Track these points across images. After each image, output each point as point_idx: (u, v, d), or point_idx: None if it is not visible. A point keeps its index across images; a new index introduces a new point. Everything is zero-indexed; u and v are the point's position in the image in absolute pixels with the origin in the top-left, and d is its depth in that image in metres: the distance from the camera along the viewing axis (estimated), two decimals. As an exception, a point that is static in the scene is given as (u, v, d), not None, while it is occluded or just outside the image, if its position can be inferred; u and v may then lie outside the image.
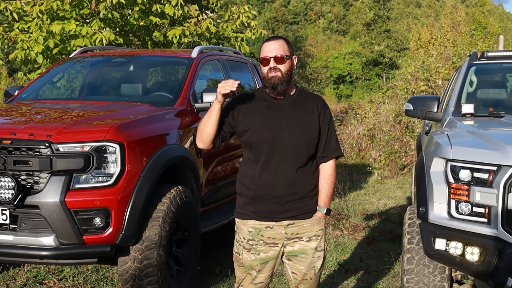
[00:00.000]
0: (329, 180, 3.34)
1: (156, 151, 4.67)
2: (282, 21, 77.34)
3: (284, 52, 3.23)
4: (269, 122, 3.23)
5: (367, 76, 41.33)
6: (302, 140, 3.23)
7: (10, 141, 4.27)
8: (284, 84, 3.22)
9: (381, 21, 37.67)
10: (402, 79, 14.64)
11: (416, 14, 70.76)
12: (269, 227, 3.27)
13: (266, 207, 3.25)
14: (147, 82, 6.68)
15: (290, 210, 3.25)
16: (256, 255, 3.30)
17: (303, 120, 3.26)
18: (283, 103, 3.28)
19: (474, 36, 21.18)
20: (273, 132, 3.21)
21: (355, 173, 12.24)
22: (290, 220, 3.27)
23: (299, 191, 3.26)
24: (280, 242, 3.30)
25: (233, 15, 10.76)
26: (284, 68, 3.22)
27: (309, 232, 3.32)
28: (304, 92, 3.40)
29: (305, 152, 3.26)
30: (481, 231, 3.50)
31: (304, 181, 3.28)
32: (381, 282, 5.41)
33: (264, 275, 3.37)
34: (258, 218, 3.28)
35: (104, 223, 4.26)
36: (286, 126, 3.22)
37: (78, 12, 9.39)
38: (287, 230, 3.28)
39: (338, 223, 7.45)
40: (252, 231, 3.30)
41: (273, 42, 3.25)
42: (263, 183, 3.23)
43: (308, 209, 3.30)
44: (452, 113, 4.92)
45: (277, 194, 3.23)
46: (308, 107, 3.30)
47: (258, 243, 3.29)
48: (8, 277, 5.33)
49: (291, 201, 3.25)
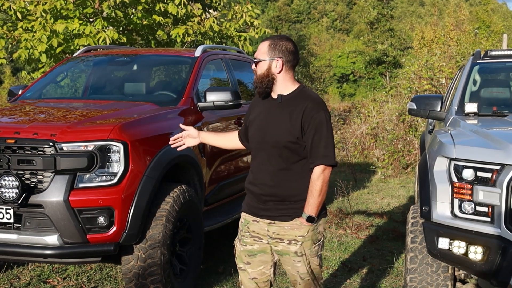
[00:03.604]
0: (312, 187, 3.16)
1: (159, 150, 4.67)
2: (285, 20, 77.35)
3: (261, 55, 3.26)
4: (259, 121, 3.31)
5: (371, 75, 41.27)
6: (281, 143, 3.19)
7: (14, 140, 4.27)
8: (259, 85, 3.27)
9: (384, 20, 37.61)
10: (406, 78, 14.62)
11: (419, 13, 70.65)
12: (255, 220, 3.35)
13: (252, 202, 3.36)
14: (151, 81, 6.68)
15: (270, 210, 3.27)
16: (244, 246, 3.39)
17: (286, 122, 3.20)
18: (273, 104, 3.30)
19: (478, 35, 21.17)
20: (261, 131, 3.28)
21: (359, 172, 12.23)
22: (270, 220, 3.29)
23: (279, 193, 3.23)
24: (264, 238, 3.33)
25: (236, 14, 10.76)
26: (259, 71, 3.26)
27: (289, 235, 3.27)
28: (301, 93, 3.28)
29: (285, 155, 3.20)
30: (484, 230, 3.50)
31: (285, 184, 3.22)
32: (384, 281, 5.41)
33: (255, 269, 3.38)
34: (247, 211, 3.40)
35: (108, 222, 4.26)
36: (270, 126, 3.24)
37: (82, 11, 9.40)
38: (269, 228, 3.30)
39: (341, 222, 7.45)
40: (243, 221, 3.43)
41: (260, 44, 3.33)
42: (251, 179, 3.36)
43: (289, 212, 3.24)
44: (455, 112, 4.91)
45: (257, 192, 3.30)
46: (295, 110, 3.20)
47: (245, 234, 3.39)
48: (12, 276, 5.34)
49: (270, 201, 3.26)
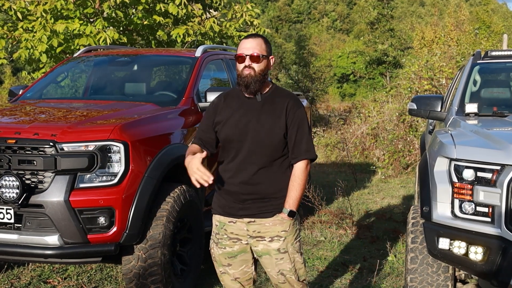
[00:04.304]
0: (296, 182, 3.21)
1: (160, 150, 4.68)
2: (285, 20, 77.38)
3: (261, 51, 3.20)
4: (236, 121, 3.22)
5: (371, 75, 41.23)
6: (266, 141, 3.18)
7: (14, 140, 4.28)
8: (257, 83, 3.20)
9: (384, 20, 37.57)
10: (406, 78, 14.62)
11: (420, 13, 70.59)
12: (232, 222, 3.29)
13: (227, 203, 3.29)
14: (151, 82, 6.68)
15: (250, 208, 3.23)
16: (223, 249, 3.33)
17: (269, 120, 3.20)
18: (253, 102, 3.25)
19: (478, 35, 21.17)
20: (239, 131, 3.20)
21: (359, 172, 12.24)
22: (250, 218, 3.25)
23: (260, 191, 3.22)
24: (243, 238, 3.29)
25: (236, 13, 10.78)
26: (259, 67, 3.19)
27: (271, 232, 3.25)
28: (277, 91, 3.33)
29: (269, 153, 3.21)
30: (484, 230, 3.50)
31: (267, 182, 3.23)
32: (385, 281, 5.41)
33: (236, 270, 3.35)
34: (222, 213, 3.32)
35: (108, 222, 4.27)
36: (251, 126, 3.20)
37: (82, 11, 9.41)
38: (248, 227, 3.26)
39: (341, 222, 7.45)
40: (218, 224, 3.35)
41: (251, 40, 3.24)
42: (226, 180, 3.27)
43: (270, 209, 3.24)
44: (455, 113, 4.91)
45: (236, 191, 3.24)
46: (277, 107, 3.23)
47: (222, 237, 3.33)
48: (13, 276, 5.35)
49: (250, 200, 3.23)
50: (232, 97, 3.33)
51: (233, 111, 3.26)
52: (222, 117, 3.27)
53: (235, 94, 3.34)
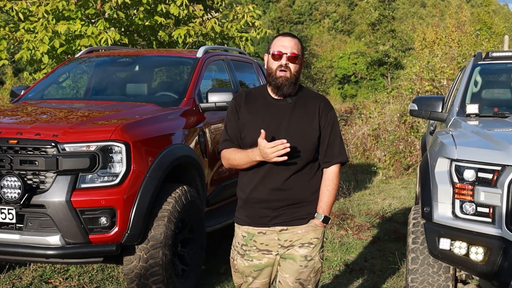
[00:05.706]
0: (330, 186, 3.11)
1: (161, 150, 4.68)
2: (287, 21, 77.37)
3: (298, 51, 3.05)
4: (266, 124, 3.02)
5: (372, 76, 41.27)
6: (300, 145, 3.01)
7: (16, 140, 4.29)
8: (291, 86, 3.03)
9: (386, 21, 37.59)
10: (407, 79, 14.65)
11: (421, 14, 70.57)
12: (261, 232, 3.12)
13: (257, 212, 3.11)
14: (153, 82, 6.69)
15: (282, 215, 3.07)
16: (250, 262, 3.15)
17: (302, 123, 3.06)
18: (283, 104, 3.08)
19: (479, 36, 21.17)
20: (270, 134, 2.96)
21: (360, 173, 12.24)
22: (282, 226, 3.09)
23: (292, 196, 3.07)
24: (274, 249, 3.12)
25: (237, 14, 10.77)
26: (294, 68, 3.03)
27: (302, 239, 3.11)
28: (307, 92, 3.18)
29: (302, 157, 3.04)
30: (485, 231, 3.50)
31: (300, 187, 3.08)
32: (386, 281, 5.42)
33: (260, 281, 3.20)
34: (251, 223, 3.14)
35: (110, 223, 4.27)
36: (283, 129, 3.02)
37: (84, 12, 9.41)
38: (280, 236, 3.10)
39: (342, 223, 7.45)
40: (246, 236, 3.16)
41: (289, 38, 3.06)
42: (255, 187, 3.08)
43: (304, 214, 3.10)
44: (456, 113, 4.92)
45: (267, 198, 3.06)
46: (309, 109, 3.09)
47: (251, 249, 3.14)
48: (14, 276, 5.35)
49: (283, 207, 3.07)
50: (256, 98, 3.14)
51: (258, 114, 3.08)
52: (246, 120, 3.09)
53: (259, 94, 3.16)
